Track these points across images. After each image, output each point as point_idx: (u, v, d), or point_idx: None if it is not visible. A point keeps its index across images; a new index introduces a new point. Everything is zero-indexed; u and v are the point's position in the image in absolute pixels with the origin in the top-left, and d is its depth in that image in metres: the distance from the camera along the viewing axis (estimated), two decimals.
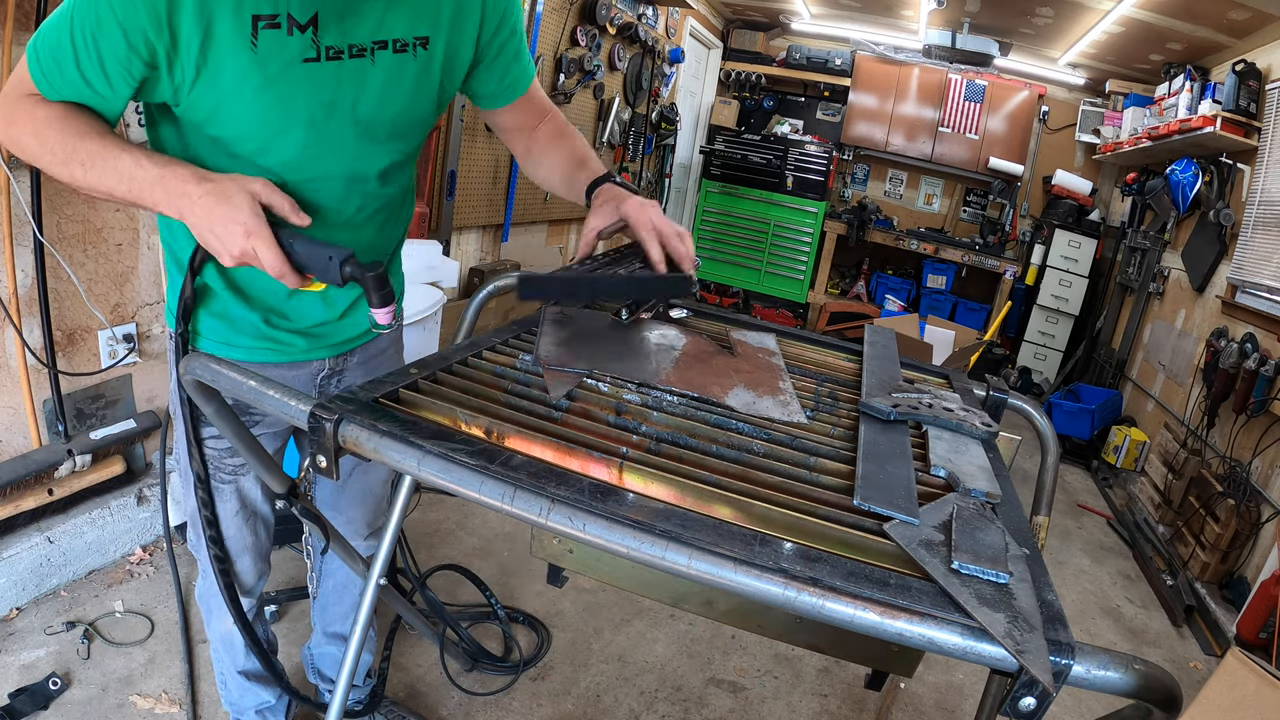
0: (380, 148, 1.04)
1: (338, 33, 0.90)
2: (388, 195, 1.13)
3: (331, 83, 0.92)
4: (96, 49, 0.82)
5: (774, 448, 0.89)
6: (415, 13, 0.97)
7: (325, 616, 1.59)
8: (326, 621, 1.59)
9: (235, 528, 1.27)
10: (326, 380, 1.26)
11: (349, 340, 1.24)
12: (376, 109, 0.99)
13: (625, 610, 2.27)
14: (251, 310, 1.12)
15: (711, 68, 6.57)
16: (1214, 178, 3.87)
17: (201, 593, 1.40)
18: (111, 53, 0.82)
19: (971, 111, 5.95)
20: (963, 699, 2.13)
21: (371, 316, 0.93)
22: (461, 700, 1.83)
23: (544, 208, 4.26)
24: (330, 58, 0.91)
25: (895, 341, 1.43)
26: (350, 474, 1.43)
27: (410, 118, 1.05)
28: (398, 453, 0.74)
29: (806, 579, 0.62)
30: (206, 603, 1.40)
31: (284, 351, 1.17)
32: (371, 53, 0.94)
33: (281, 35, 0.86)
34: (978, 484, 0.85)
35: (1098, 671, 0.60)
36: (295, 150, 0.96)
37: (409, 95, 1.02)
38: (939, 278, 6.16)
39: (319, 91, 0.92)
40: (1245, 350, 3.15)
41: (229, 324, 1.12)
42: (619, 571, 1.15)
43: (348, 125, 0.98)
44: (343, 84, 0.94)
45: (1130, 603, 2.94)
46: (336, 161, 1.00)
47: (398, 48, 0.96)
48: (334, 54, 0.91)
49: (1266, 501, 2.89)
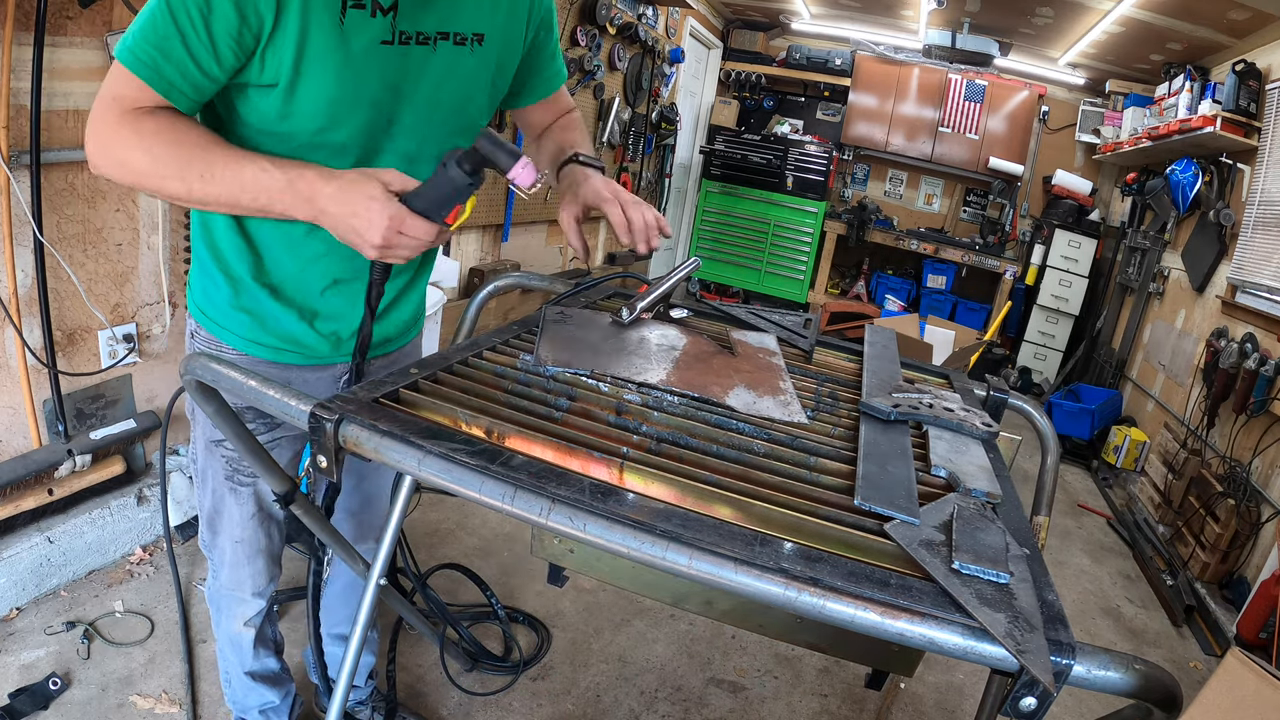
0: (434, 133, 1.07)
1: (411, 20, 0.94)
2: None
3: (399, 66, 0.96)
4: (206, 26, 0.82)
5: (774, 448, 0.89)
6: (476, 10, 1.02)
7: (331, 618, 1.58)
8: (331, 623, 1.59)
9: (251, 530, 1.27)
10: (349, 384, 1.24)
11: (377, 345, 1.23)
12: (433, 95, 1.02)
13: (625, 610, 2.27)
14: (287, 308, 1.11)
15: (711, 68, 6.57)
16: (1214, 178, 3.87)
17: (211, 593, 1.39)
18: (223, 26, 0.83)
19: (971, 111, 5.95)
20: (963, 699, 2.13)
21: (513, 184, 0.91)
22: (462, 700, 1.83)
23: (544, 208, 4.26)
24: (402, 42, 0.95)
25: (895, 341, 1.43)
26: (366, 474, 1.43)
27: (464, 108, 1.08)
28: (398, 453, 0.74)
29: (807, 579, 0.62)
30: (216, 602, 1.39)
31: (309, 354, 1.16)
32: (434, 42, 0.98)
33: (366, 16, 0.90)
34: (978, 484, 0.85)
35: (1098, 671, 0.60)
36: (358, 129, 0.98)
37: (463, 87, 1.06)
38: (939, 278, 6.16)
39: (388, 74, 0.96)
40: (1245, 350, 3.15)
41: (258, 322, 1.11)
42: (619, 571, 1.15)
43: (408, 108, 1.01)
44: (408, 69, 0.97)
45: (1130, 603, 2.94)
46: (393, 142, 1.03)
47: (457, 40, 1.01)
48: (405, 39, 0.95)
49: (1266, 501, 2.89)
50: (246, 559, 1.30)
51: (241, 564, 1.30)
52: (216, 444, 1.21)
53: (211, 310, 1.13)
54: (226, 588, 1.34)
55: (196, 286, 1.14)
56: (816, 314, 1.57)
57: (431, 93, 1.02)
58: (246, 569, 1.31)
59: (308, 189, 0.87)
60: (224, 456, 1.21)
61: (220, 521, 1.27)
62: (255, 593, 1.34)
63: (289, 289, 1.10)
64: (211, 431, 1.20)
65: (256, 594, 1.34)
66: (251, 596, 1.35)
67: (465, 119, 1.10)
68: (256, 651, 1.43)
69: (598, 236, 5.37)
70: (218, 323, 1.13)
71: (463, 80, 1.05)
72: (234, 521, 1.26)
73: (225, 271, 1.09)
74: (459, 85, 1.05)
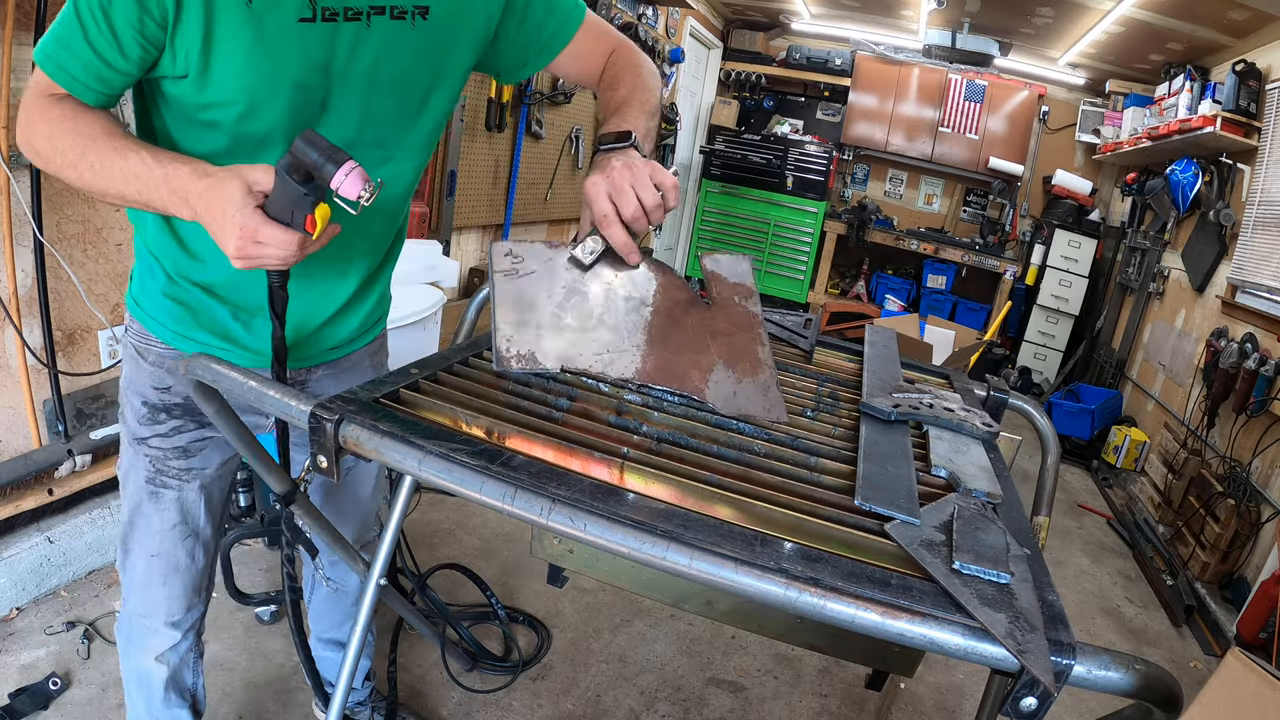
0: (376, 116, 0.98)
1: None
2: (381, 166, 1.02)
3: (325, 45, 0.89)
4: (107, 18, 0.80)
5: (775, 448, 0.89)
6: None
7: (320, 624, 1.56)
8: (321, 629, 1.56)
9: (170, 544, 1.15)
10: None
11: (321, 352, 1.16)
12: (369, 75, 0.94)
13: (625, 610, 2.27)
14: (221, 304, 1.04)
15: (711, 68, 6.57)
16: (1214, 178, 3.87)
17: (120, 621, 1.25)
18: (123, 17, 0.80)
19: (971, 111, 5.95)
20: (963, 699, 2.13)
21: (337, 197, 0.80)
22: (462, 700, 1.83)
23: (544, 207, 4.26)
24: (326, 19, 0.87)
25: (895, 341, 1.43)
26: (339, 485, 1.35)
27: (409, 87, 0.99)
28: (398, 453, 0.74)
29: (807, 579, 0.62)
30: (124, 631, 1.24)
31: (246, 354, 1.08)
32: (367, 17, 0.90)
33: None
34: (978, 484, 0.85)
35: (1098, 671, 0.60)
36: (282, 115, 0.91)
37: (407, 64, 0.96)
38: (939, 278, 6.16)
39: (312, 54, 0.88)
40: (1245, 350, 3.15)
41: (191, 315, 1.05)
42: (619, 571, 1.15)
43: (342, 90, 0.93)
44: (337, 47, 0.90)
45: (1130, 603, 2.94)
46: (327, 129, 0.93)
47: (395, 14, 0.92)
48: (329, 15, 0.87)
49: (1266, 501, 2.89)
50: (161, 578, 1.16)
51: (155, 584, 1.17)
52: (140, 441, 1.11)
53: (145, 300, 1.07)
54: (137, 613, 1.20)
55: (135, 277, 1.09)
56: (816, 314, 1.56)
57: (368, 72, 0.93)
58: (160, 591, 1.17)
59: (181, 186, 0.82)
60: (147, 455, 1.12)
61: (135, 533, 1.16)
62: (169, 622, 1.20)
63: (222, 289, 1.04)
64: (137, 428, 1.11)
65: (171, 623, 1.20)
66: (164, 626, 1.20)
67: (412, 99, 1.01)
68: (167, 697, 1.25)
69: None
70: (150, 314, 1.06)
71: (405, 57, 0.96)
72: (151, 531, 1.14)
73: (159, 262, 1.04)
74: (401, 63, 0.96)
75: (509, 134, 3.71)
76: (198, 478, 1.16)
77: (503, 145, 3.69)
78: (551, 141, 4.08)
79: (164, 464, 1.13)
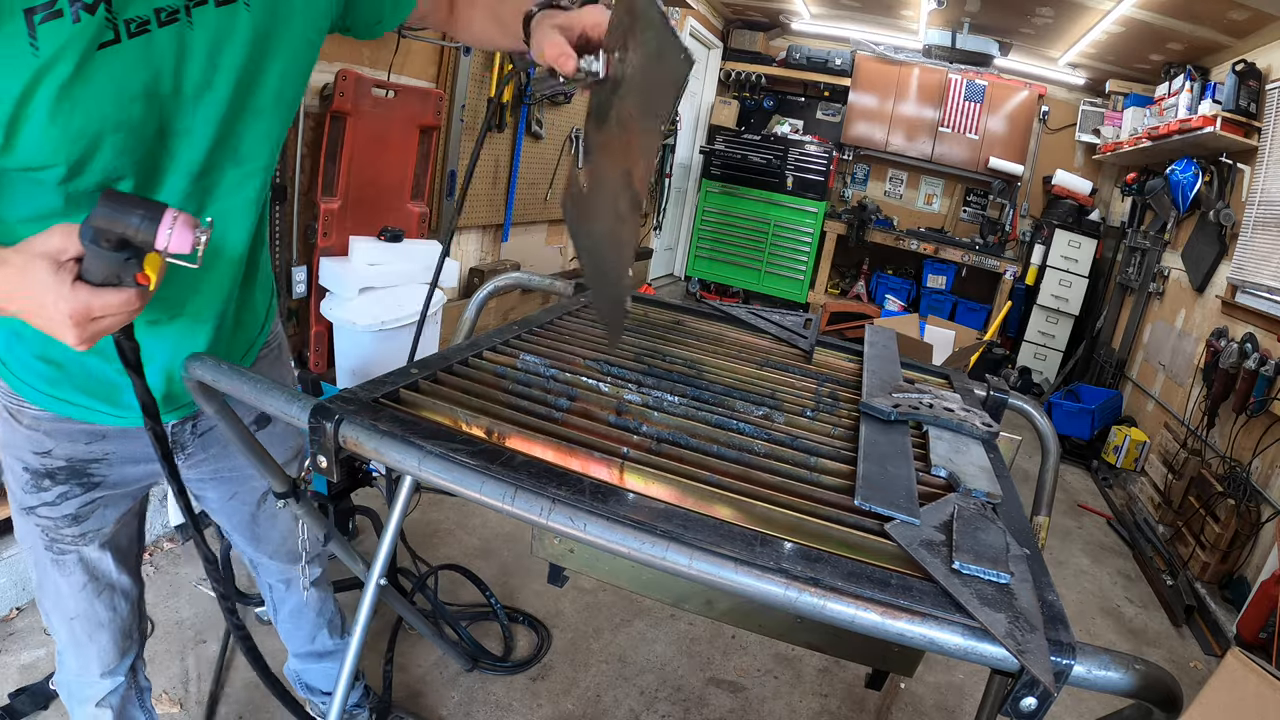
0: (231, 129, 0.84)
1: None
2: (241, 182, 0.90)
3: (143, 63, 0.73)
4: None
5: (775, 448, 0.89)
6: None
7: (293, 641, 1.54)
8: (296, 645, 1.54)
9: (85, 604, 1.10)
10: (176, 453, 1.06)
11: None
12: (206, 81, 0.78)
13: (625, 610, 2.27)
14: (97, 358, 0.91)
15: (711, 68, 6.57)
16: (1214, 178, 3.87)
17: (59, 681, 1.21)
18: None
19: (971, 111, 5.95)
20: (963, 699, 2.13)
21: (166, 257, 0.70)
22: (461, 700, 1.83)
23: (544, 207, 4.26)
24: (134, 33, 0.71)
25: (895, 341, 1.43)
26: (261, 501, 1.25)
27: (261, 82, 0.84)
28: (398, 453, 0.74)
29: (807, 579, 0.62)
30: (65, 687, 1.21)
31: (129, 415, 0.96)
32: (186, 12, 0.74)
33: (66, 24, 0.67)
34: (978, 484, 0.85)
35: (1098, 671, 0.60)
36: (115, 160, 0.76)
37: (251, 54, 0.81)
38: (939, 278, 6.16)
39: (129, 80, 0.72)
40: (1245, 350, 3.15)
41: (64, 374, 0.92)
42: (619, 571, 1.15)
43: (179, 109, 0.78)
44: (159, 61, 0.74)
45: (1130, 603, 2.94)
46: (175, 158, 0.81)
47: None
48: (139, 27, 0.71)
49: (1266, 501, 2.89)
50: (86, 637, 1.12)
51: (82, 643, 1.13)
52: (29, 510, 1.02)
53: (13, 361, 0.93)
54: (74, 672, 1.17)
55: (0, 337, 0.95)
56: (816, 314, 1.56)
57: (203, 79, 0.78)
58: (89, 649, 1.14)
59: None
60: (39, 525, 1.03)
61: (47, 599, 1.10)
62: (104, 672, 1.17)
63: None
64: (23, 496, 1.02)
65: (106, 673, 1.17)
66: (100, 678, 1.17)
67: (264, 94, 0.85)
68: None
69: None
70: (18, 375, 0.93)
71: (244, 47, 0.80)
72: (62, 596, 1.09)
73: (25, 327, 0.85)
74: (243, 55, 0.80)
75: (509, 134, 3.71)
76: (95, 538, 1.07)
77: (503, 145, 3.69)
78: (551, 141, 4.08)
79: (57, 533, 1.04)
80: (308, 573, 1.41)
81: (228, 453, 1.14)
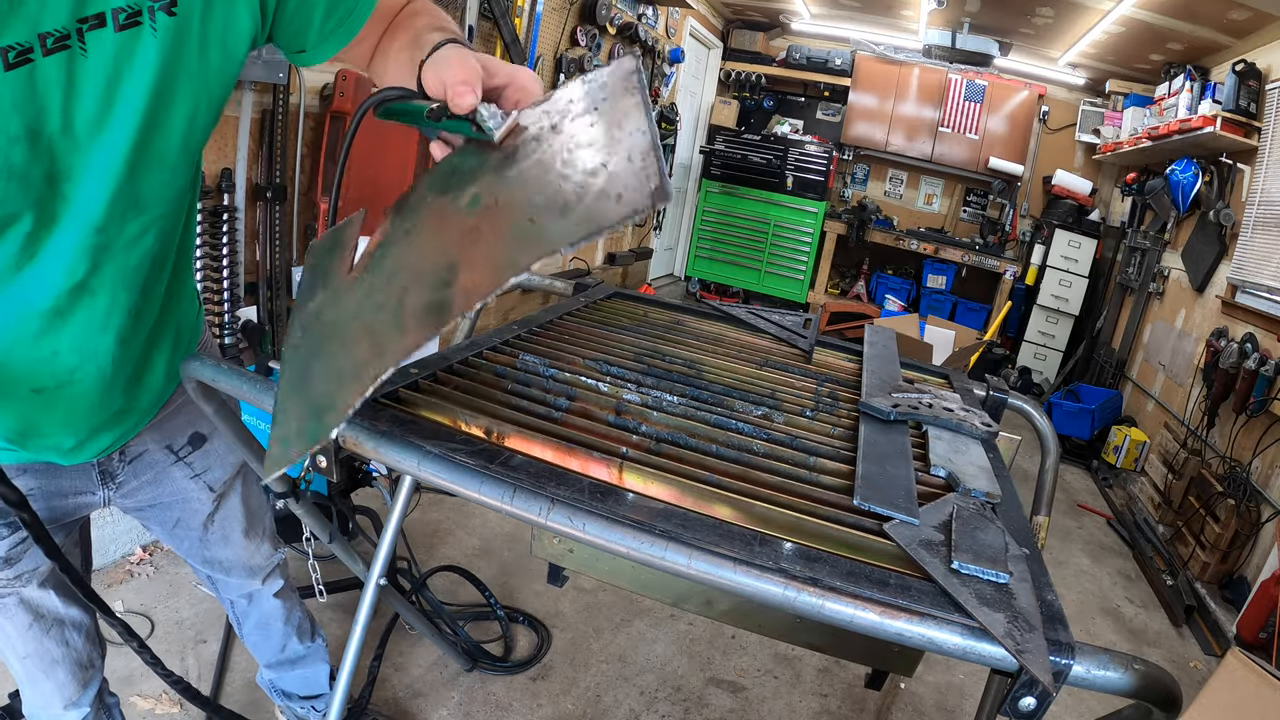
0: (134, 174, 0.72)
1: (18, 20, 0.58)
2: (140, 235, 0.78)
3: (23, 100, 0.61)
4: None
5: (774, 448, 0.89)
6: None
7: (261, 652, 1.50)
8: (265, 656, 1.50)
9: (35, 642, 1.05)
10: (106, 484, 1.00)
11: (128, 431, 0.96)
12: (97, 119, 0.66)
13: (625, 610, 2.27)
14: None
15: (711, 68, 6.57)
16: (1214, 178, 3.87)
17: (28, 713, 1.15)
18: None
19: (971, 111, 5.95)
20: (963, 699, 2.13)
21: None
22: (461, 700, 1.83)
23: None
24: (14, 64, 0.59)
25: (895, 341, 1.43)
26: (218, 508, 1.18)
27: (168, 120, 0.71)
28: (398, 453, 0.74)
29: (806, 579, 0.62)
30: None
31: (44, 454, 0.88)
32: (80, 36, 0.62)
33: None
34: (978, 484, 0.85)
35: (1098, 671, 0.60)
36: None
37: (150, 91, 0.68)
38: (939, 278, 6.17)
39: (5, 119, 0.61)
40: (1245, 350, 3.15)
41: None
42: (619, 571, 1.15)
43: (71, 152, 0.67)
44: (44, 95, 0.62)
45: (1130, 603, 2.93)
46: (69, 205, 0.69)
47: (125, 21, 0.64)
48: (19, 57, 0.59)
49: (1266, 501, 2.89)
50: (42, 674, 1.08)
51: (38, 681, 1.09)
52: None
53: None
54: (36, 706, 1.13)
55: None
56: (816, 314, 1.56)
57: (98, 115, 0.66)
58: (47, 684, 1.10)
59: None
60: None
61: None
62: (67, 705, 1.12)
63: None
64: None
65: (70, 705, 1.13)
66: (64, 710, 1.13)
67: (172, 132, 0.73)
68: None
69: None
70: None
71: (152, 78, 0.67)
72: (9, 638, 1.04)
73: None
74: (146, 89, 0.67)
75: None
76: (33, 578, 1.00)
77: None
78: None
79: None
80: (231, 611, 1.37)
81: (163, 477, 1.08)
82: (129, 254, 0.77)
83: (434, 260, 0.62)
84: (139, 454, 1.03)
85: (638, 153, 0.54)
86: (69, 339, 0.76)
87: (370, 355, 0.61)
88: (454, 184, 0.65)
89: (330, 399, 0.63)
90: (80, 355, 0.79)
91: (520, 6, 3.35)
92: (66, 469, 0.92)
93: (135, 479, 1.05)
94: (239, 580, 1.30)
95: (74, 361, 0.78)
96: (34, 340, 0.75)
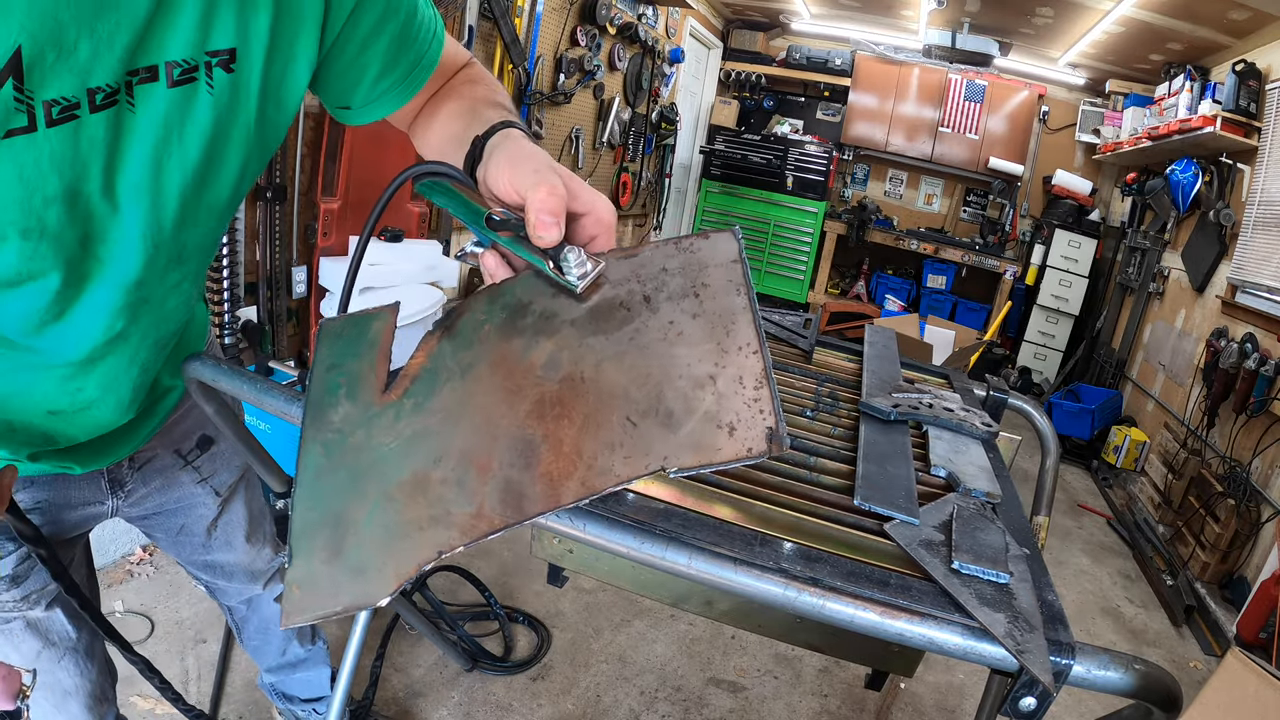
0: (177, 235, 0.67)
1: (67, 71, 0.51)
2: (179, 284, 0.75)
3: (64, 159, 0.55)
4: None
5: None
6: (211, 13, 0.57)
7: (262, 657, 1.49)
8: (266, 660, 1.49)
9: (45, 673, 0.99)
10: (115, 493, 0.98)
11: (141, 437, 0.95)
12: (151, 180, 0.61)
13: (625, 610, 2.27)
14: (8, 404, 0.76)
15: (711, 68, 6.57)
16: (1214, 178, 3.87)
17: None
18: None
19: (971, 111, 5.95)
20: (963, 699, 2.13)
21: None
22: (461, 700, 1.83)
23: None
24: (57, 119, 0.53)
25: (895, 341, 1.43)
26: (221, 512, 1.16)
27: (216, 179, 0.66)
28: None
29: (806, 579, 0.62)
30: None
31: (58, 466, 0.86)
32: (128, 89, 0.56)
33: None
34: (978, 484, 0.85)
35: (1098, 671, 0.60)
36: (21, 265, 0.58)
37: (202, 152, 0.63)
38: (939, 278, 6.17)
39: (40, 180, 0.54)
40: (1245, 350, 3.15)
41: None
42: (619, 571, 1.15)
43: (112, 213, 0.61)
44: (87, 153, 0.56)
45: (1130, 603, 2.94)
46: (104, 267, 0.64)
47: (179, 78, 0.58)
48: (63, 113, 0.53)
49: (1266, 501, 2.89)
50: (55, 707, 1.02)
51: (49, 715, 1.04)
52: None
53: None
54: None
55: None
56: (816, 314, 1.56)
57: (145, 178, 0.60)
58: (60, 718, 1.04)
59: None
60: None
61: None
62: None
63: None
64: None
65: None
66: None
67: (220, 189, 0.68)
68: None
69: None
70: None
71: (204, 138, 0.62)
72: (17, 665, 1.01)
73: None
74: (198, 150, 0.62)
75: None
76: (41, 599, 0.94)
77: None
78: (551, 141, 4.08)
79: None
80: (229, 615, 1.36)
81: (171, 483, 1.07)
82: (165, 301, 0.75)
83: (508, 425, 0.52)
84: (148, 459, 1.01)
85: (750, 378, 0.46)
86: (97, 379, 0.75)
87: (429, 521, 0.50)
88: (522, 326, 0.56)
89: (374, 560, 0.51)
90: (104, 390, 0.78)
91: (520, 6, 3.35)
92: (75, 479, 0.91)
93: (144, 486, 1.03)
94: (240, 585, 1.29)
95: (96, 395, 0.77)
96: (60, 383, 0.73)
